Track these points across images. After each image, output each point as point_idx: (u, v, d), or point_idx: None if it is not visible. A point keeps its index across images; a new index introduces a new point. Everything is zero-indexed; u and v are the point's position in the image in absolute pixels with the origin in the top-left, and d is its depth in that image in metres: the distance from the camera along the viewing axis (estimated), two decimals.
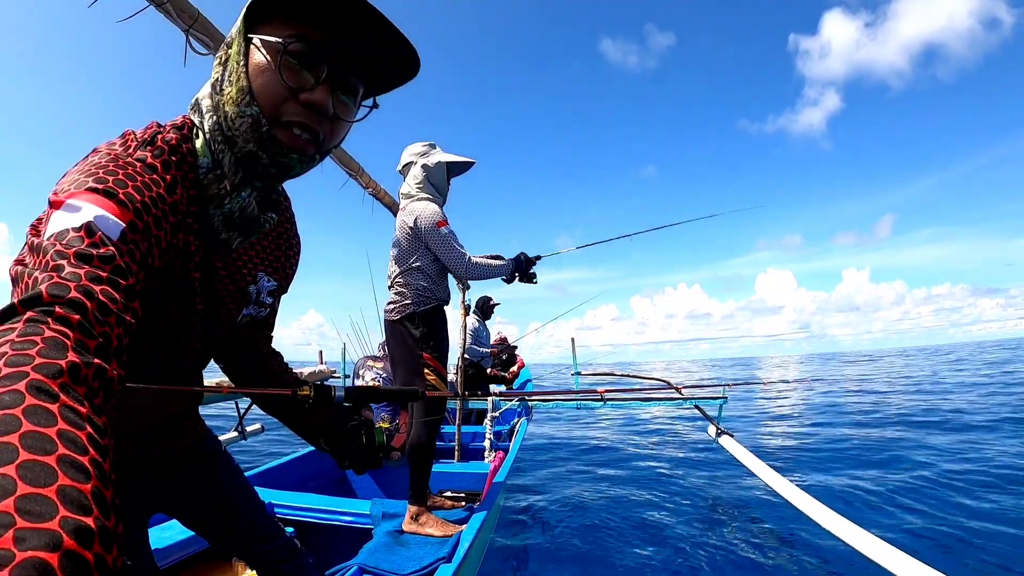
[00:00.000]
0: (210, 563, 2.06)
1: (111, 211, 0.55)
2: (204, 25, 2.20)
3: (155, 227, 0.63)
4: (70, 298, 0.42)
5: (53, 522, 0.26)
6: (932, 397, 9.90)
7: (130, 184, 0.60)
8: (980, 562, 2.69)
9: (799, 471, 4.72)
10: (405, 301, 2.46)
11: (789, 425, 7.43)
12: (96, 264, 0.48)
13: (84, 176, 0.58)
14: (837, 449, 5.52)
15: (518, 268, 2.57)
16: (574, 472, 5.07)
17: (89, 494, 0.29)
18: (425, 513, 2.41)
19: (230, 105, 0.71)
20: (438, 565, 1.96)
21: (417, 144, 2.64)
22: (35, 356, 0.35)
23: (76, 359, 0.38)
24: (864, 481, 4.24)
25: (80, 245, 0.49)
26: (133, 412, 0.93)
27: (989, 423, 6.57)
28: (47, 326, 0.39)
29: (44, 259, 0.47)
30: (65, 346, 0.38)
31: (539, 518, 3.70)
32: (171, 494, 1.10)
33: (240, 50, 0.69)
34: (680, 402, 4.95)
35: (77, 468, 0.30)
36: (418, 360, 2.45)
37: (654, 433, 7.16)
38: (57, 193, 0.56)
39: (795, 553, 2.92)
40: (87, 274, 0.46)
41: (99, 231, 0.52)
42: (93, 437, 0.33)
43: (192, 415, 1.12)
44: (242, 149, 0.73)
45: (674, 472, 4.92)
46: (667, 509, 3.80)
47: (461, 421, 3.88)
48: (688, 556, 2.96)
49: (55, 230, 0.50)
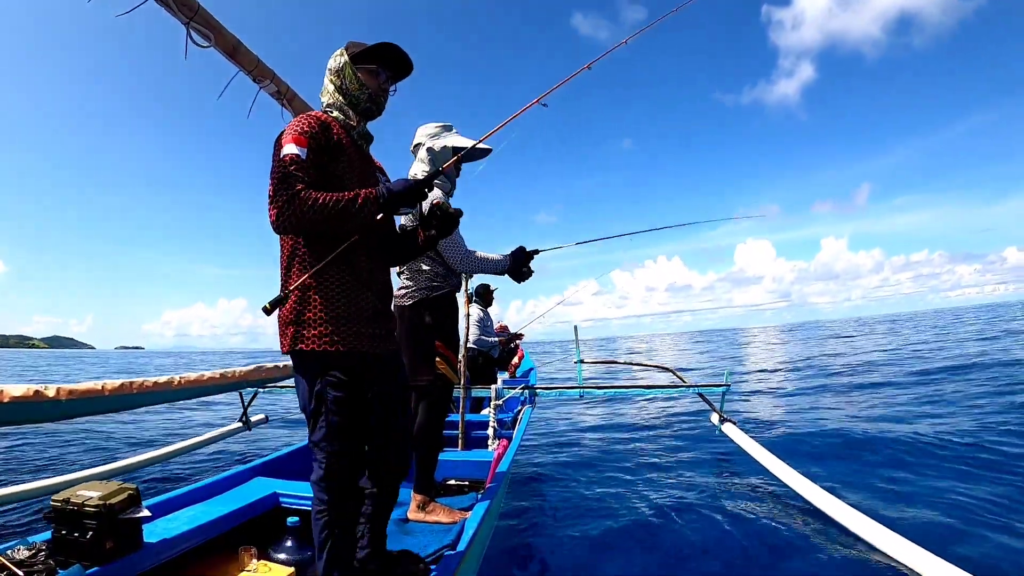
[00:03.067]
0: (217, 553, 2.09)
1: (300, 143, 1.47)
2: (205, 18, 2.19)
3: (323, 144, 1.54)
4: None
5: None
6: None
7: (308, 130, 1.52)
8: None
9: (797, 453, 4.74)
10: (418, 287, 2.44)
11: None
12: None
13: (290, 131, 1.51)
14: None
15: (515, 265, 2.48)
16: (578, 459, 5.09)
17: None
18: (432, 502, 2.43)
19: (355, 91, 1.66)
20: (444, 552, 1.99)
21: (430, 125, 2.55)
22: (321, 195, 1.42)
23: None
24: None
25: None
26: (374, 287, 1.61)
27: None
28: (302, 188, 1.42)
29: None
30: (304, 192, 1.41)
31: (543, 505, 3.74)
32: (384, 376, 1.64)
33: (353, 71, 1.64)
34: (683, 390, 4.98)
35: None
36: (429, 347, 2.45)
37: (656, 417, 7.19)
38: (284, 134, 1.51)
39: (798, 540, 2.94)
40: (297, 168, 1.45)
41: (296, 153, 1.46)
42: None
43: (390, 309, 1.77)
44: (362, 106, 1.68)
45: (676, 457, 4.94)
46: (668, 494, 3.82)
47: (465, 410, 3.90)
48: (690, 541, 2.99)
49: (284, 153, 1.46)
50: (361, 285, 1.57)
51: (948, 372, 9.54)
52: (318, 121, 1.55)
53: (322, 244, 1.49)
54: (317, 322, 1.48)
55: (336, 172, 1.55)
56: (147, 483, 4.30)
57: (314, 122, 1.54)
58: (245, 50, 2.54)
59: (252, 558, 1.97)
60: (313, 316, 1.48)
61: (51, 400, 2.10)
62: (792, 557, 2.73)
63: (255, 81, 2.70)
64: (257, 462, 2.89)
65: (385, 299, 1.69)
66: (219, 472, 2.70)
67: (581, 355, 6.06)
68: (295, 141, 1.46)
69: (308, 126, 1.51)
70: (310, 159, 1.47)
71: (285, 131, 1.52)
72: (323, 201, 1.40)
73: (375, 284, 1.63)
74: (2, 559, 1.51)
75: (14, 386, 2.05)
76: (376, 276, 1.65)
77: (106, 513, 1.66)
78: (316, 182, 1.46)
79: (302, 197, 1.39)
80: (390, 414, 1.68)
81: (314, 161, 1.48)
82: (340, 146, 1.58)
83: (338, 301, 1.51)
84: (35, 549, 1.61)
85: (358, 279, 1.56)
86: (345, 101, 1.66)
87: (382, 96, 1.71)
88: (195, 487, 2.44)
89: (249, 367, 3.62)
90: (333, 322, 1.49)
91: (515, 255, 2.47)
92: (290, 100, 2.89)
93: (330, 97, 1.68)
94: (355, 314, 1.53)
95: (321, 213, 1.40)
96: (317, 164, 1.49)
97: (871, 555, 2.60)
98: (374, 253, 1.65)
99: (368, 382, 1.58)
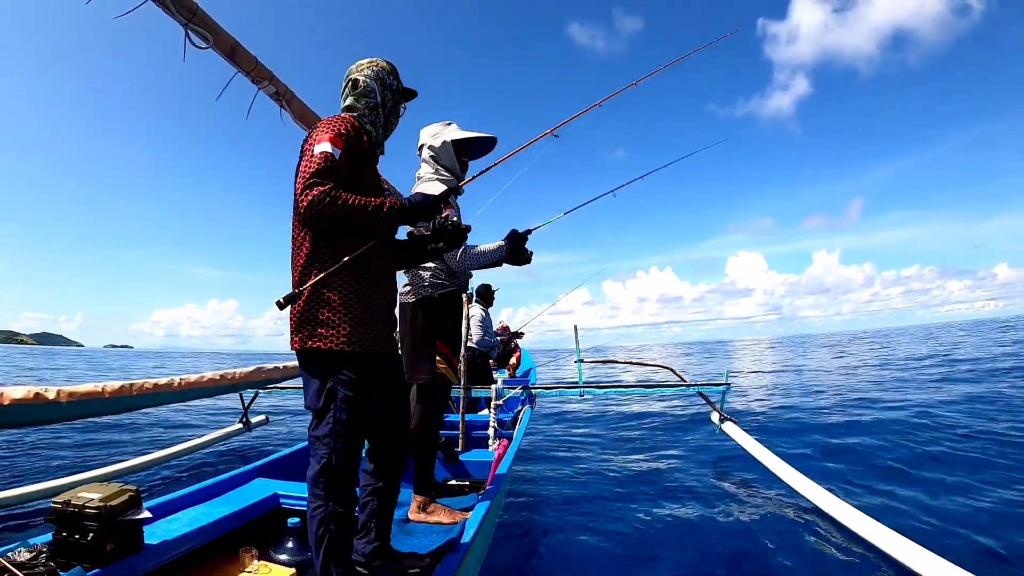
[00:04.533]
0: (218, 554, 2.09)
1: (338, 144, 1.52)
2: (203, 19, 2.18)
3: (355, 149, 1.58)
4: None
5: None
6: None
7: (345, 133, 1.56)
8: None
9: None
10: (423, 284, 2.43)
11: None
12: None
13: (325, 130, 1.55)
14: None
15: (513, 247, 2.27)
16: (578, 460, 5.09)
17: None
18: (432, 503, 2.43)
19: (391, 107, 1.79)
20: (444, 552, 1.99)
21: (433, 125, 2.56)
22: (352, 196, 1.45)
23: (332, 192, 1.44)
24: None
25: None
26: (387, 290, 1.68)
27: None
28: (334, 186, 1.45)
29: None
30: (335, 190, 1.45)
31: (543, 505, 3.74)
32: (389, 375, 1.70)
33: (387, 96, 1.76)
34: (683, 389, 4.98)
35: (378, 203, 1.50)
36: (430, 345, 2.44)
37: (656, 417, 7.19)
38: (320, 131, 1.55)
39: (798, 538, 2.94)
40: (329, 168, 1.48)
41: (331, 152, 1.49)
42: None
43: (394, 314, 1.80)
44: (391, 121, 1.81)
45: (676, 456, 4.95)
46: (668, 494, 3.82)
47: (465, 410, 3.89)
48: (690, 540, 2.99)
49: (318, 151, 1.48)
50: (377, 288, 1.62)
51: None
52: (354, 126, 1.60)
53: (341, 245, 1.52)
54: (333, 322, 1.51)
55: (360, 178, 1.58)
56: (148, 484, 4.30)
57: (351, 126, 1.58)
58: (243, 51, 2.53)
59: (253, 559, 1.98)
60: (329, 316, 1.51)
61: (51, 402, 2.10)
62: (793, 556, 2.73)
63: (254, 82, 2.70)
64: (258, 463, 2.89)
65: (394, 302, 1.76)
66: (220, 473, 2.70)
67: (581, 355, 6.05)
68: (332, 141, 1.50)
69: (346, 129, 1.56)
70: (343, 160, 1.51)
71: (320, 127, 1.56)
72: (353, 203, 1.44)
73: (388, 288, 1.70)
74: (3, 561, 1.51)
75: (14, 388, 2.04)
76: (389, 280, 1.72)
77: (107, 515, 1.66)
78: (344, 184, 1.50)
79: (334, 195, 1.42)
80: (392, 413, 1.73)
81: (346, 163, 1.52)
82: (367, 155, 1.63)
83: (354, 303, 1.54)
84: (36, 551, 1.61)
85: (375, 282, 1.61)
86: (374, 116, 1.73)
87: (395, 118, 1.84)
88: (196, 488, 2.44)
89: (249, 368, 3.61)
90: (349, 323, 1.52)
91: (510, 239, 2.28)
92: (288, 101, 2.88)
93: (365, 106, 1.73)
94: (370, 316, 1.58)
95: (349, 213, 1.44)
96: (348, 166, 1.53)
97: (872, 554, 2.61)
98: (389, 257, 1.73)
99: (375, 381, 1.62)
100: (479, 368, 5.87)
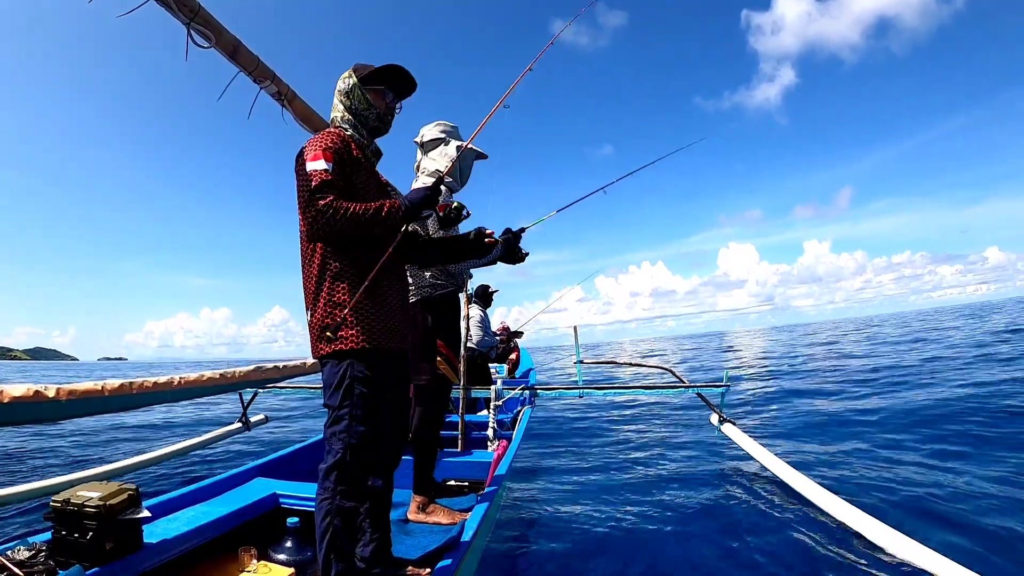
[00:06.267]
0: (217, 554, 2.09)
1: (327, 158, 1.57)
2: (205, 18, 2.18)
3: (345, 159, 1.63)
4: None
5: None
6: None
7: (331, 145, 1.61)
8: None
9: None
10: (421, 284, 2.44)
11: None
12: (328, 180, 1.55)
13: (316, 145, 1.60)
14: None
15: (507, 248, 2.23)
16: (577, 460, 5.09)
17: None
18: (432, 503, 2.43)
19: (363, 111, 1.77)
20: (443, 552, 1.99)
21: (440, 124, 2.54)
22: (352, 204, 1.53)
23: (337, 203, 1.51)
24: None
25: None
26: (394, 284, 1.74)
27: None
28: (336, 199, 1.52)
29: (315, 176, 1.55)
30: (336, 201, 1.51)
31: (542, 505, 3.73)
32: (397, 375, 1.75)
33: (361, 93, 1.75)
34: (682, 390, 4.98)
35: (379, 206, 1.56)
36: (430, 346, 2.44)
37: (656, 417, 7.19)
38: (308, 151, 1.60)
39: (798, 538, 2.94)
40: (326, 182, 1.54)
41: (324, 168, 1.55)
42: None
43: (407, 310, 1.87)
44: (371, 124, 1.79)
45: (676, 458, 4.94)
46: (668, 494, 3.82)
47: (464, 410, 3.90)
48: (690, 542, 2.99)
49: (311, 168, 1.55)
50: (388, 284, 1.70)
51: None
52: (339, 137, 1.66)
53: (351, 252, 1.61)
54: (350, 323, 1.58)
55: (357, 185, 1.65)
56: (147, 484, 4.29)
57: (336, 138, 1.65)
58: (245, 51, 2.53)
59: (252, 559, 1.98)
60: (346, 318, 1.58)
61: (51, 400, 2.10)
62: (793, 556, 2.73)
63: (256, 82, 2.70)
64: (257, 463, 2.89)
65: (407, 296, 1.86)
66: (219, 473, 2.70)
67: (581, 355, 6.06)
68: (322, 156, 1.56)
69: (331, 142, 1.62)
70: (336, 172, 1.57)
71: (308, 147, 1.62)
72: (354, 211, 1.51)
73: (399, 282, 1.79)
74: (2, 559, 1.52)
75: (14, 386, 2.04)
76: (399, 275, 1.81)
77: (106, 514, 1.66)
78: (342, 194, 1.56)
79: (335, 207, 1.49)
80: (396, 410, 1.79)
81: (339, 173, 1.58)
82: (359, 161, 1.69)
83: (368, 303, 1.61)
84: (35, 549, 1.62)
85: (386, 279, 1.68)
86: (355, 120, 1.77)
87: (389, 115, 1.83)
88: (195, 488, 2.44)
89: (249, 367, 3.61)
90: (365, 322, 1.60)
91: (504, 239, 2.23)
92: (290, 101, 2.88)
93: (341, 117, 1.78)
94: (385, 313, 1.65)
95: (352, 222, 1.51)
96: (342, 177, 1.60)
97: (875, 553, 2.61)
98: (402, 257, 1.85)
99: (389, 377, 1.69)
100: (478, 369, 5.87)
